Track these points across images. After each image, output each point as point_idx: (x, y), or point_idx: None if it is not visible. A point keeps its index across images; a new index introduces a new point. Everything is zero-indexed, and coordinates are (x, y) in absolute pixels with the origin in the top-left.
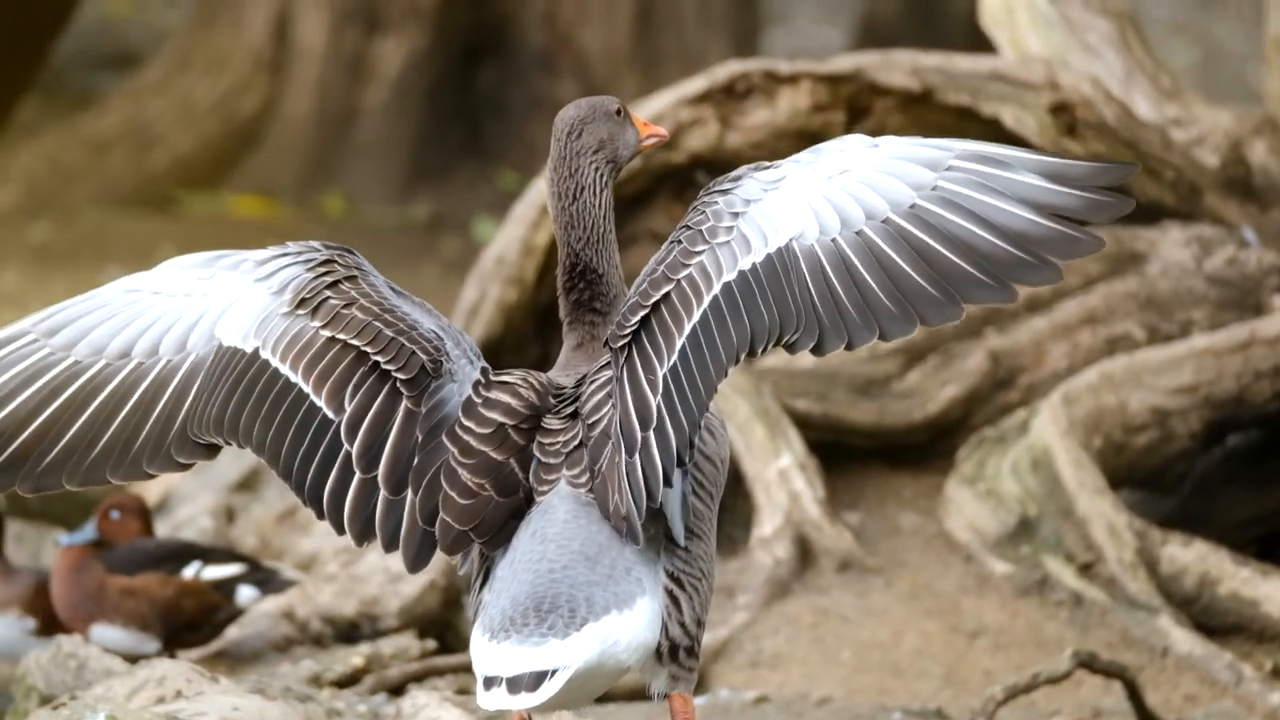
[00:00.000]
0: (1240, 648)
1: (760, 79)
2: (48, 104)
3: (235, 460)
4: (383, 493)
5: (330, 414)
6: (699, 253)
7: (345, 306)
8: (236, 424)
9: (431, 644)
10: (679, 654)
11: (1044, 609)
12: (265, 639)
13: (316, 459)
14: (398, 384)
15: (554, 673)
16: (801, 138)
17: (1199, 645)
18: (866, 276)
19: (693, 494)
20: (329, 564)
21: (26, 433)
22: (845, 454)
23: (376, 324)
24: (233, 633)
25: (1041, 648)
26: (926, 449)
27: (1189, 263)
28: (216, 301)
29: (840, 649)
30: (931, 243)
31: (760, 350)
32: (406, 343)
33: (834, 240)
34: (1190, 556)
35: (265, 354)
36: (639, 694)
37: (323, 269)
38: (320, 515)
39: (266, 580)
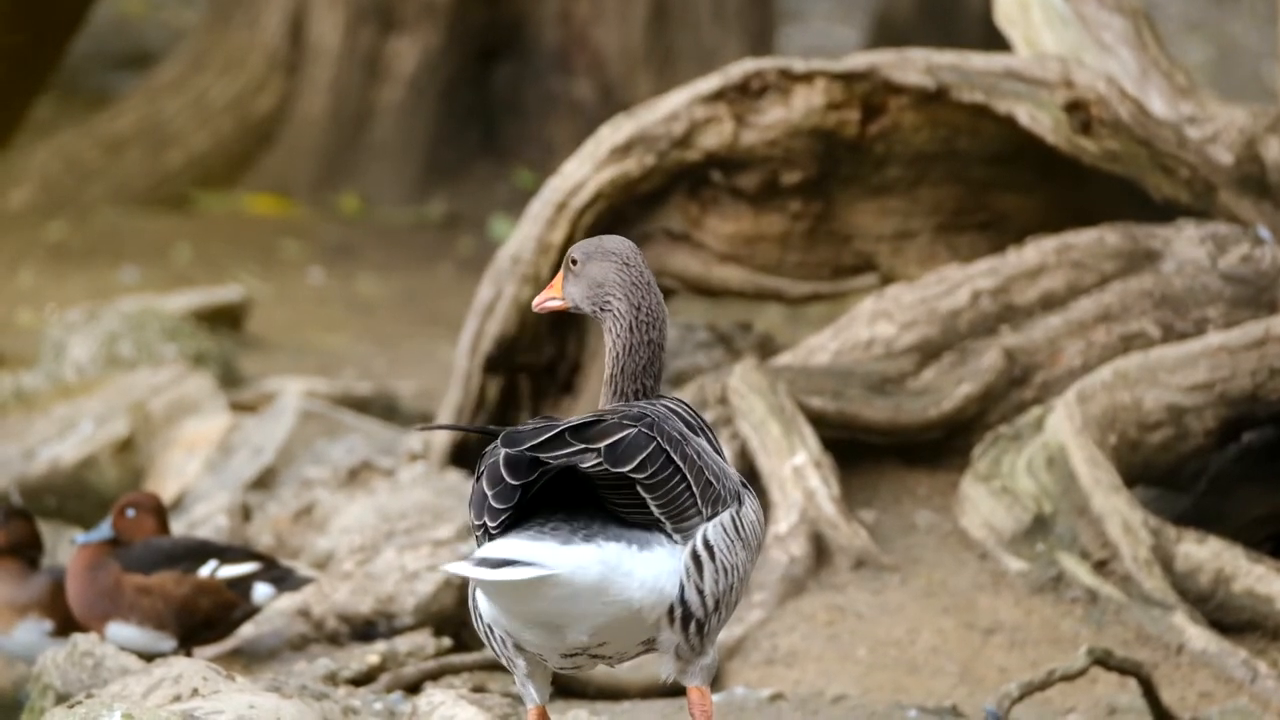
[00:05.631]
0: (1255, 645)
1: (775, 77)
2: (63, 103)
3: (251, 459)
4: None
5: None
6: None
7: None
8: None
9: (447, 642)
10: (690, 625)
11: (1059, 606)
12: (281, 637)
13: None
14: None
15: (532, 566)
16: (816, 136)
17: (1214, 642)
18: None
19: (739, 524)
20: (345, 562)
21: None
22: (860, 451)
23: None
24: (248, 631)
25: (1056, 645)
26: (942, 446)
27: (1204, 260)
28: None
29: (856, 646)
30: None
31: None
32: None
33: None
34: (1205, 554)
35: None
36: (654, 691)
37: None
38: None
39: (282, 578)
